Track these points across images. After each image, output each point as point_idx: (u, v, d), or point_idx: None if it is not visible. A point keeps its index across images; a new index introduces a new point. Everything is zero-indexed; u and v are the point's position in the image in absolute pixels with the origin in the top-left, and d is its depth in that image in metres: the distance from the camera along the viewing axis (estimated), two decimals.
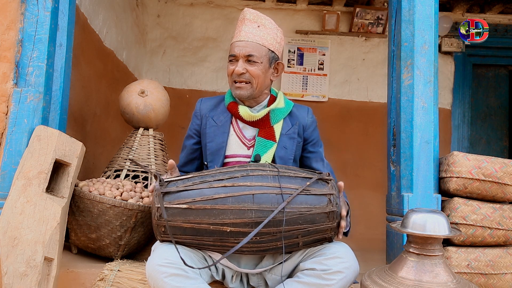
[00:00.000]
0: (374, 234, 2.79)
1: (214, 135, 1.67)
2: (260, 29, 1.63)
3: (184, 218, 1.34)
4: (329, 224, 1.37)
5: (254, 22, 1.63)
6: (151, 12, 4.19)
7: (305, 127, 1.72)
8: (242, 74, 1.60)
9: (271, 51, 1.64)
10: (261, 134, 1.64)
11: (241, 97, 1.64)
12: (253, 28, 1.62)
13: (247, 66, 1.60)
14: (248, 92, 1.62)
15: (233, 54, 1.62)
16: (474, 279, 1.73)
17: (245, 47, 1.60)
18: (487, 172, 1.74)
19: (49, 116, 1.84)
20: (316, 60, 4.21)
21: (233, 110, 1.67)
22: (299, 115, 1.72)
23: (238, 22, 1.68)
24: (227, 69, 1.66)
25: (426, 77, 1.87)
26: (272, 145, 1.63)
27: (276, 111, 1.67)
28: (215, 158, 1.65)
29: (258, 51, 1.60)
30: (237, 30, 1.67)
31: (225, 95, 1.75)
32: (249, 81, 1.61)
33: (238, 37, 1.64)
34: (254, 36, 1.61)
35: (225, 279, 1.52)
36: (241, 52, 1.60)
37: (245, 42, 1.61)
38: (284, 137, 1.66)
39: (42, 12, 1.79)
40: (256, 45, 1.60)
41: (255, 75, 1.61)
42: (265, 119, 1.65)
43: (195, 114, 1.76)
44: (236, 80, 1.62)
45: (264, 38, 1.62)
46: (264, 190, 1.34)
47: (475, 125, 4.29)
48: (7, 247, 1.50)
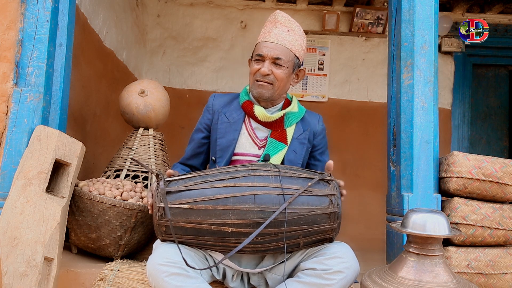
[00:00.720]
0: (374, 234, 2.79)
1: (225, 131, 1.68)
2: (290, 33, 1.63)
3: (185, 218, 1.34)
4: (330, 225, 1.37)
5: (285, 26, 1.64)
6: (151, 12, 4.19)
7: (315, 134, 1.74)
8: (267, 75, 1.61)
9: (296, 57, 1.65)
10: (274, 135, 1.65)
11: (262, 96, 1.64)
12: (283, 32, 1.63)
13: (273, 68, 1.61)
14: (269, 93, 1.63)
15: (261, 54, 1.62)
16: (474, 279, 1.73)
17: (274, 49, 1.60)
18: (487, 172, 1.74)
19: (49, 116, 1.84)
20: (316, 60, 4.21)
21: (248, 109, 1.67)
22: (311, 122, 1.74)
23: (268, 23, 1.68)
24: (251, 67, 1.66)
25: (426, 77, 1.87)
26: (283, 148, 1.64)
27: (290, 115, 1.68)
28: (224, 154, 1.65)
29: (285, 55, 1.61)
30: (265, 30, 1.66)
31: (240, 93, 1.76)
32: (272, 83, 1.62)
33: (267, 37, 1.63)
34: (284, 40, 1.62)
35: (226, 278, 1.52)
36: (270, 54, 1.60)
37: (274, 44, 1.61)
38: (295, 141, 1.68)
39: (42, 12, 1.79)
40: (284, 49, 1.61)
41: (279, 78, 1.62)
42: (279, 122, 1.66)
43: (207, 109, 1.76)
44: (259, 79, 1.63)
45: (293, 44, 1.63)
46: (265, 191, 1.34)
47: (475, 125, 4.29)
48: (7, 247, 1.50)
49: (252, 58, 1.67)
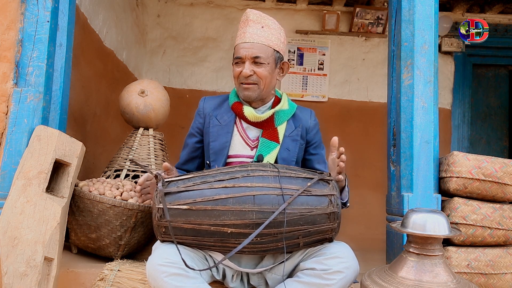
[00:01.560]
0: (374, 234, 2.79)
1: (217, 134, 1.67)
2: (264, 29, 1.62)
3: (184, 219, 1.34)
4: (329, 225, 1.37)
5: (258, 23, 1.62)
6: (151, 12, 4.19)
7: (308, 130, 1.72)
8: (250, 76, 1.60)
9: (276, 51, 1.63)
10: (265, 135, 1.64)
11: (249, 98, 1.64)
12: (257, 29, 1.61)
13: (254, 67, 1.60)
14: (256, 93, 1.63)
15: (239, 56, 1.61)
16: (474, 279, 1.73)
17: (251, 48, 1.59)
18: (487, 172, 1.74)
19: (49, 116, 1.84)
20: (316, 60, 4.21)
21: (238, 110, 1.67)
22: (302, 118, 1.73)
23: (241, 23, 1.67)
24: (233, 71, 1.65)
25: (426, 77, 1.87)
26: (276, 147, 1.63)
27: (280, 113, 1.67)
28: (218, 158, 1.65)
29: (264, 52, 1.60)
30: (240, 32, 1.66)
31: (229, 94, 1.75)
32: (257, 83, 1.61)
33: (243, 38, 1.62)
34: (259, 37, 1.60)
35: (226, 278, 1.52)
36: (248, 54, 1.59)
37: (250, 43, 1.60)
38: (287, 139, 1.67)
39: (42, 12, 1.79)
40: (261, 46, 1.60)
41: (263, 76, 1.60)
42: (269, 121, 1.65)
43: (198, 113, 1.76)
44: (243, 82, 1.62)
45: (269, 39, 1.61)
46: (265, 191, 1.33)
47: (475, 125, 4.29)
48: (7, 247, 1.50)
49: (233, 61, 1.66)
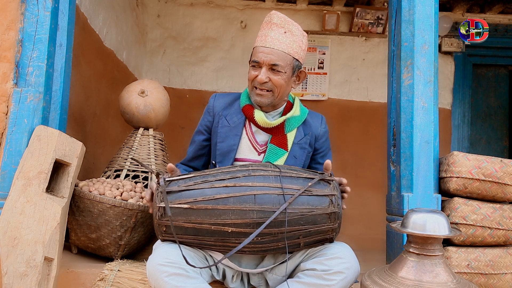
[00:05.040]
0: (374, 234, 2.79)
1: (225, 136, 1.65)
2: (287, 35, 1.56)
3: (185, 218, 1.34)
4: (330, 225, 1.37)
5: (281, 28, 1.57)
6: (151, 12, 4.18)
7: (317, 137, 1.70)
8: (265, 83, 1.56)
9: (295, 59, 1.59)
10: (274, 141, 1.62)
11: (261, 104, 1.61)
12: (280, 34, 1.56)
13: (270, 74, 1.55)
14: (269, 100, 1.59)
15: (257, 61, 1.56)
16: (474, 279, 1.73)
17: (270, 54, 1.54)
18: (487, 172, 1.74)
19: (49, 116, 1.84)
20: (316, 59, 4.21)
21: (248, 113, 1.64)
22: (313, 124, 1.70)
23: (264, 24, 1.62)
24: (249, 73, 1.60)
25: (426, 77, 1.87)
26: (284, 154, 1.61)
27: (291, 120, 1.64)
28: (224, 160, 1.63)
29: (283, 61, 1.55)
30: (261, 33, 1.60)
31: (241, 95, 1.71)
32: (271, 89, 1.58)
33: (263, 42, 1.57)
34: (280, 44, 1.55)
35: (226, 278, 1.52)
36: (266, 60, 1.54)
37: (270, 49, 1.55)
38: (295, 146, 1.64)
39: (42, 12, 1.79)
40: (281, 54, 1.55)
41: (278, 85, 1.57)
42: (279, 127, 1.63)
43: (208, 110, 1.73)
44: (257, 87, 1.59)
45: (290, 46, 1.56)
46: (265, 191, 1.33)
47: (475, 125, 4.29)
48: (7, 247, 1.50)
49: (250, 63, 1.62)
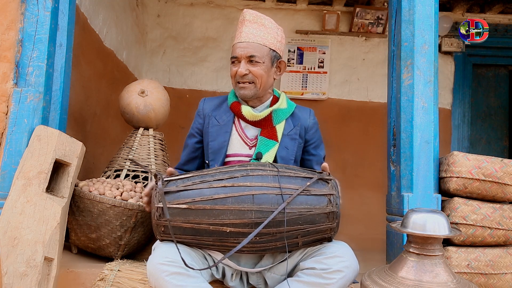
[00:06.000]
0: (374, 234, 2.79)
1: (216, 134, 1.69)
2: (260, 29, 1.65)
3: (184, 218, 1.34)
4: (329, 224, 1.37)
5: (254, 23, 1.65)
6: (151, 12, 4.19)
7: (306, 129, 1.73)
8: (245, 75, 1.62)
9: (272, 50, 1.66)
10: (263, 133, 1.66)
11: (245, 97, 1.66)
12: (253, 29, 1.64)
13: (249, 66, 1.62)
14: (252, 92, 1.64)
15: (235, 56, 1.64)
16: (474, 279, 1.73)
17: (246, 48, 1.62)
18: (487, 172, 1.74)
19: (49, 116, 1.84)
20: (316, 58, 4.21)
21: (236, 109, 1.68)
22: (301, 117, 1.74)
23: (238, 23, 1.70)
24: (230, 71, 1.68)
25: (426, 77, 1.87)
26: (274, 145, 1.64)
27: (278, 112, 1.68)
28: (216, 157, 1.66)
29: (259, 52, 1.62)
30: (237, 32, 1.69)
31: (228, 95, 1.77)
32: (253, 81, 1.63)
33: (238, 38, 1.66)
34: (255, 37, 1.63)
35: (225, 277, 1.53)
36: (243, 53, 1.62)
37: (246, 43, 1.63)
38: (286, 137, 1.68)
39: (42, 12, 1.79)
40: (257, 46, 1.62)
41: (258, 75, 1.62)
42: (267, 119, 1.67)
43: (198, 114, 1.78)
44: (239, 81, 1.64)
45: (265, 38, 1.64)
46: (264, 191, 1.33)
47: (475, 125, 4.29)
48: (7, 247, 1.50)
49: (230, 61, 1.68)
